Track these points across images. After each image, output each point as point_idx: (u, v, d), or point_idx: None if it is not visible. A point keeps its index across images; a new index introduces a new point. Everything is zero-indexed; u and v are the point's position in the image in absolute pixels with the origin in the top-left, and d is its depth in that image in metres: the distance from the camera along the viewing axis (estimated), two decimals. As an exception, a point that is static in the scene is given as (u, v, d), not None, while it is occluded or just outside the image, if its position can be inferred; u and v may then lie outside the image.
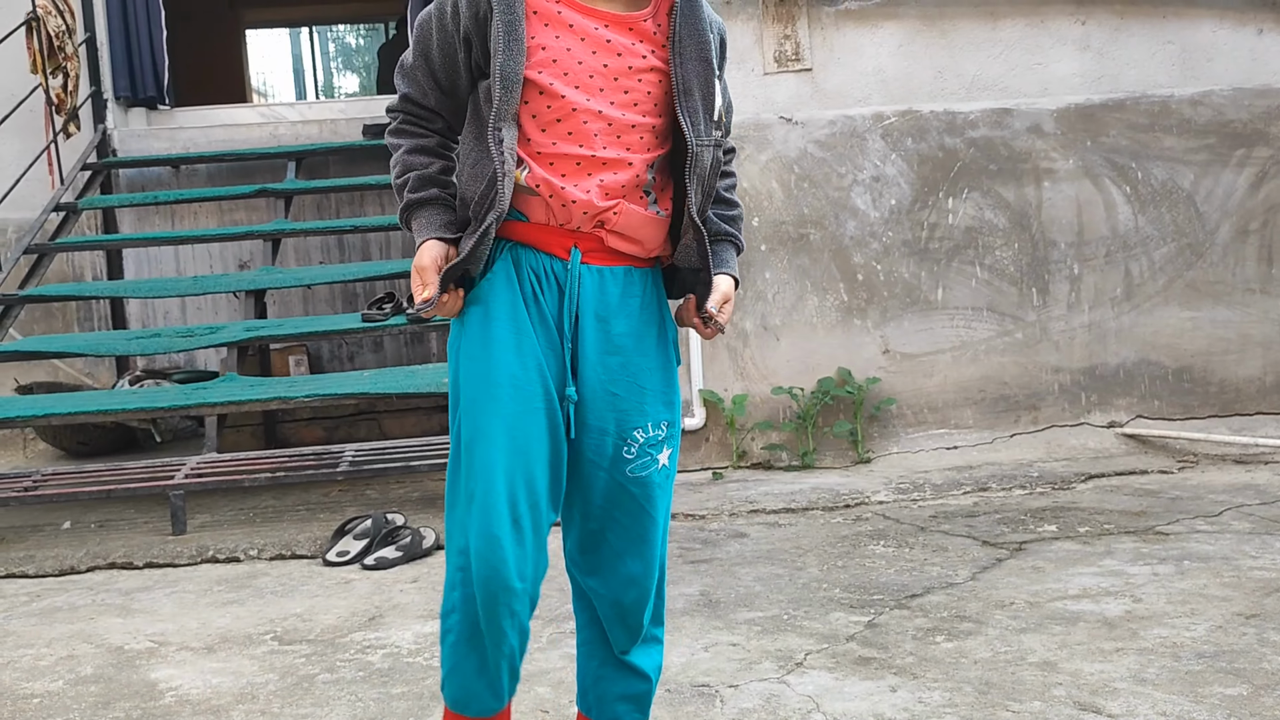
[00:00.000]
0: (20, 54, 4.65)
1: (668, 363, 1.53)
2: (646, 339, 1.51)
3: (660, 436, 1.51)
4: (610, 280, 1.48)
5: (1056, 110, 4.00)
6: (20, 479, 3.42)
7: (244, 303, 4.51)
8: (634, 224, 1.48)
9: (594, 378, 1.48)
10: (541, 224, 1.48)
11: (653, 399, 1.51)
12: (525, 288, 1.47)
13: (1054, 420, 4.05)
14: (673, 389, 1.54)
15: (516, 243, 1.49)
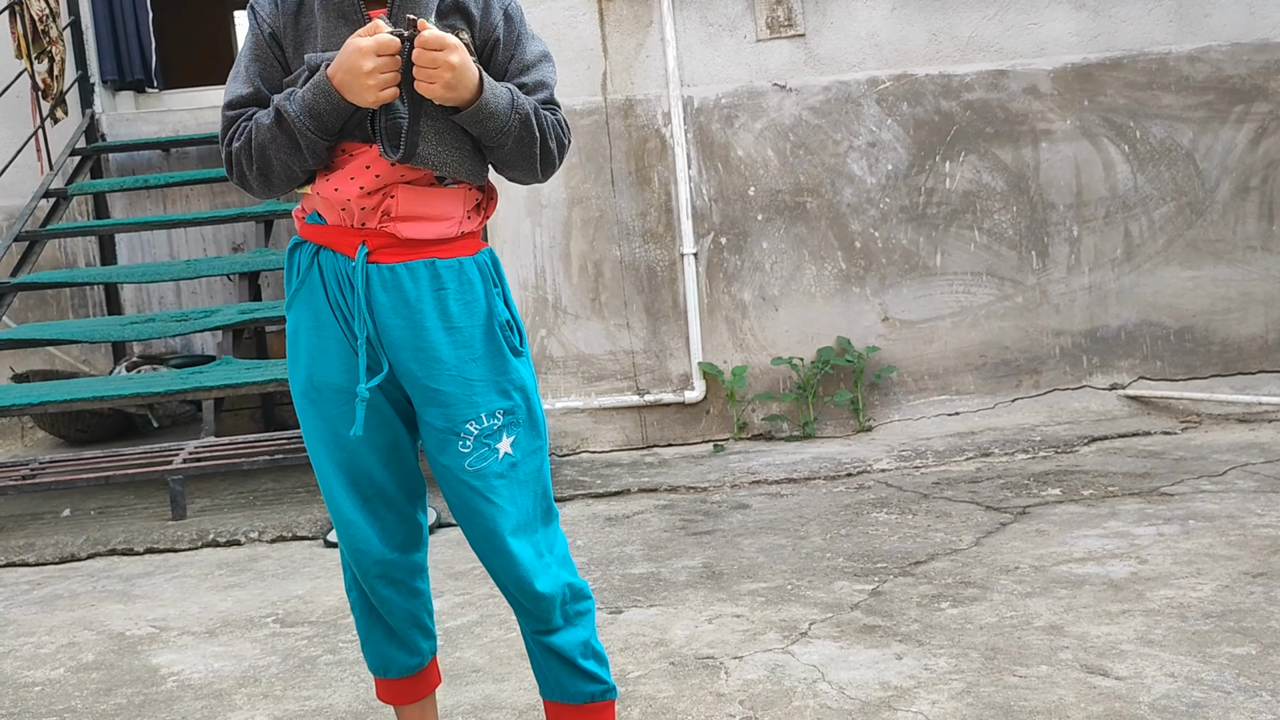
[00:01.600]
0: (4, 39, 4.60)
1: (498, 350, 1.50)
2: (467, 330, 1.49)
3: (496, 425, 1.49)
4: (407, 277, 1.46)
5: (1053, 70, 3.96)
6: (18, 467, 3.40)
7: (238, 285, 4.48)
8: (419, 202, 1.46)
9: (409, 376, 1.48)
10: (334, 225, 1.48)
11: (483, 389, 1.49)
12: (329, 293, 1.48)
13: (1056, 384, 4.03)
14: (508, 375, 1.51)
15: (320, 246, 1.49)
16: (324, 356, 1.49)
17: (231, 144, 1.45)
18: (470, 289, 1.50)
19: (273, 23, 1.48)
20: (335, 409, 1.49)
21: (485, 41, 1.50)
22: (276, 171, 1.44)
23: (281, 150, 1.41)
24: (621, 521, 3.06)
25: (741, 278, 3.98)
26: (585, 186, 3.96)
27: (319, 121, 1.39)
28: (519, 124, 1.43)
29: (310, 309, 1.50)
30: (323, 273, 1.48)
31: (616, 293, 3.99)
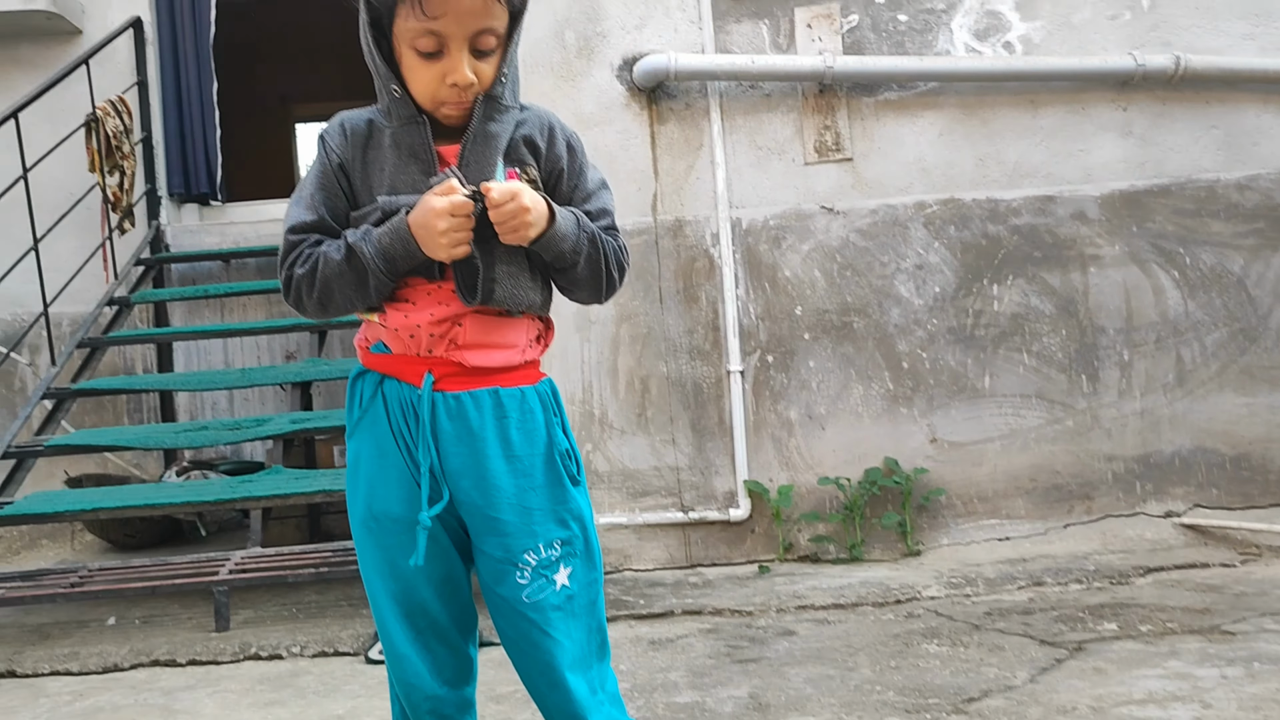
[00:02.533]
0: (79, 154, 4.79)
1: (557, 479, 1.52)
2: (528, 459, 1.50)
3: (554, 556, 1.50)
4: (471, 406, 1.49)
5: (1100, 196, 3.98)
6: (67, 574, 3.43)
7: (290, 393, 4.55)
8: (486, 331, 1.50)
9: (469, 504, 1.49)
10: (400, 354, 1.51)
11: (542, 519, 1.50)
12: (392, 422, 1.50)
13: (1109, 510, 3.96)
14: (567, 505, 1.52)
15: (383, 375, 1.52)
16: (384, 486, 1.51)
17: (293, 268, 1.50)
18: (531, 418, 1.52)
19: (342, 154, 1.53)
20: (394, 539, 1.51)
21: (551, 172, 1.57)
22: (336, 302, 1.48)
23: (347, 286, 1.46)
24: (665, 645, 3.01)
25: (788, 396, 3.98)
26: (634, 304, 4.01)
27: (391, 265, 1.44)
28: (587, 244, 1.50)
29: (373, 438, 1.52)
30: (386, 401, 1.51)
31: (663, 409, 4.00)
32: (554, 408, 1.56)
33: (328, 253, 1.47)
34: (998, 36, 3.98)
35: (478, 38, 1.45)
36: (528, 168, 1.52)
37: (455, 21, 1.42)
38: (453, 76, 1.45)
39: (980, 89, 3.97)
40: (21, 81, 5.07)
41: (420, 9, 1.41)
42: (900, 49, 3.97)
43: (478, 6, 1.42)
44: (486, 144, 1.50)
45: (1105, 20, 3.97)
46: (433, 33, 1.42)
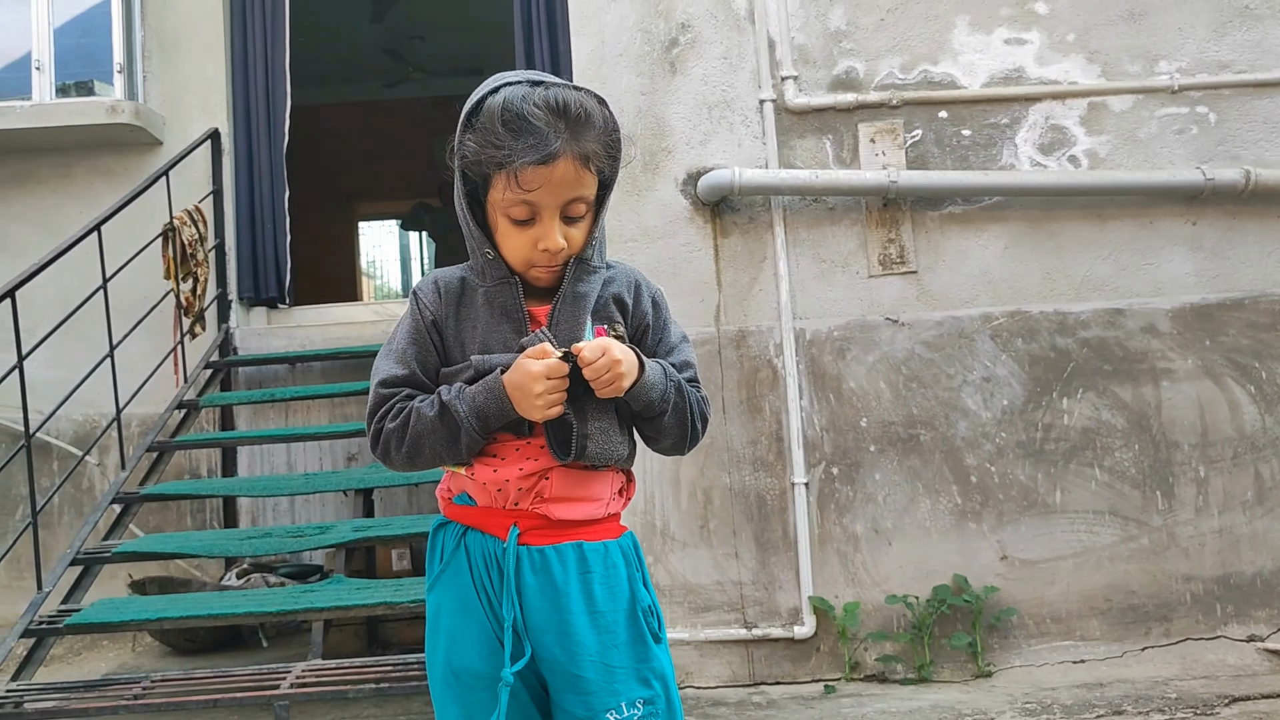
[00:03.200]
0: (156, 260, 4.93)
1: (640, 636, 1.51)
2: (611, 615, 1.50)
3: (636, 715, 1.48)
4: (556, 560, 1.49)
5: (1171, 310, 3.93)
6: (130, 685, 3.43)
7: (353, 500, 4.58)
8: (573, 485, 1.51)
9: (551, 660, 1.47)
10: (485, 507, 1.51)
11: (624, 677, 1.48)
12: (475, 575, 1.50)
13: (1188, 633, 3.82)
14: (649, 663, 1.51)
15: (467, 527, 1.52)
16: (466, 641, 1.50)
17: (384, 421, 1.51)
18: (615, 573, 1.52)
19: (435, 311, 1.56)
20: (474, 695, 1.49)
21: (637, 328, 1.61)
22: (425, 457, 1.50)
23: (438, 442, 1.47)
24: (732, 774, 2.93)
25: (854, 509, 3.92)
26: (696, 414, 3.99)
27: (485, 423, 1.46)
28: (674, 393, 1.53)
29: (455, 591, 1.52)
30: (469, 554, 1.51)
31: (725, 521, 3.95)
32: (636, 562, 1.55)
33: (420, 408, 1.49)
34: (1063, 151, 3.99)
35: (569, 206, 1.50)
36: (615, 324, 1.56)
37: (549, 193, 1.47)
38: (544, 243, 1.49)
39: (1046, 203, 3.96)
40: (103, 191, 5.27)
41: (515, 181, 1.46)
42: (964, 163, 3.99)
43: (570, 178, 1.47)
44: (576, 304, 1.53)
45: (1172, 135, 3.97)
46: (526, 203, 1.47)
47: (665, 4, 4.08)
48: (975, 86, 4.03)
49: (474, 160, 1.50)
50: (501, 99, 1.48)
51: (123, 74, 5.43)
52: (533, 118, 1.45)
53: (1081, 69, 4.02)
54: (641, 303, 1.61)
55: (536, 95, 1.47)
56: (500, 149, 1.46)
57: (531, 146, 1.44)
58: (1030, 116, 4.02)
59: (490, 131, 1.47)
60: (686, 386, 1.56)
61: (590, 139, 1.49)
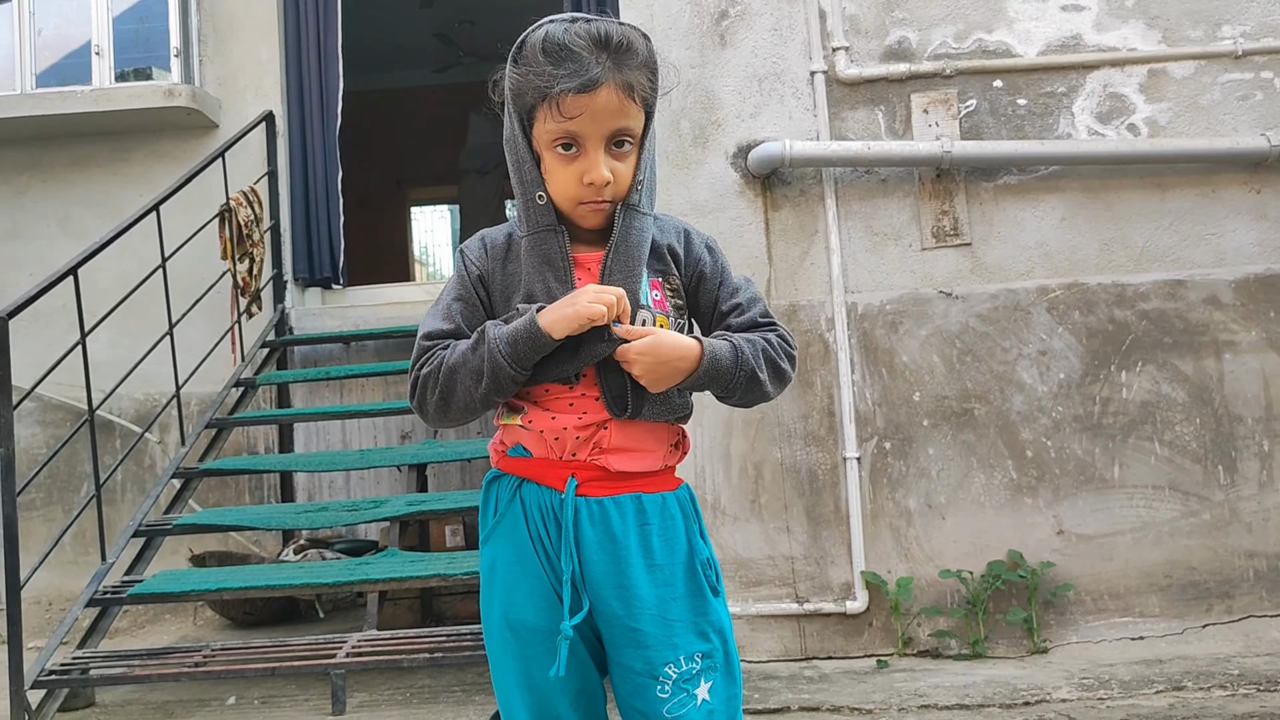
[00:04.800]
0: (213, 241, 5.01)
1: (698, 589, 1.49)
2: (668, 568, 1.48)
3: (695, 669, 1.46)
4: (614, 511, 1.47)
5: (1234, 281, 3.84)
6: (191, 653, 3.49)
7: (406, 475, 4.62)
8: (630, 436, 1.49)
9: (609, 614, 1.46)
10: (541, 458, 1.49)
11: (683, 630, 1.46)
12: (531, 527, 1.48)
13: (1250, 610, 3.74)
14: (708, 616, 1.49)
15: (522, 479, 1.50)
16: (522, 594, 1.49)
17: (420, 369, 1.50)
18: (673, 524, 1.50)
19: (481, 266, 1.56)
20: (531, 649, 1.48)
21: (691, 276, 1.58)
22: (458, 397, 1.46)
23: (469, 377, 1.45)
24: (784, 745, 2.92)
25: (906, 484, 3.89)
26: (747, 389, 3.98)
27: (515, 349, 1.43)
28: (745, 379, 1.49)
29: (510, 544, 1.51)
30: (525, 507, 1.50)
31: (776, 495, 3.94)
32: (693, 514, 1.54)
33: (456, 344, 1.48)
34: (1121, 119, 3.90)
35: (614, 137, 1.48)
36: (670, 277, 1.55)
37: (591, 121, 1.45)
38: (589, 175, 1.47)
39: (1104, 172, 3.88)
40: (161, 173, 5.36)
41: (558, 109, 1.44)
42: (1020, 133, 3.92)
43: (614, 106, 1.45)
44: (629, 253, 1.51)
45: (1235, 101, 3.87)
46: (570, 132, 1.46)
47: (714, -24, 4.05)
48: (1031, 55, 3.96)
49: (516, 91, 1.49)
50: (544, 32, 1.48)
51: (179, 58, 5.51)
52: (574, 46, 1.44)
53: (1141, 35, 3.93)
54: (694, 250, 1.59)
55: (578, 27, 1.47)
56: (541, 77, 1.45)
57: (572, 73, 1.43)
58: (1088, 85, 3.94)
59: (532, 62, 1.47)
60: (765, 349, 1.52)
61: (633, 69, 1.47)
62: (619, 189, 1.50)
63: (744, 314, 1.57)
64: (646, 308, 1.51)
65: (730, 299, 1.57)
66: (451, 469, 5.21)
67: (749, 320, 1.57)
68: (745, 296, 1.58)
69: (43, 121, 5.42)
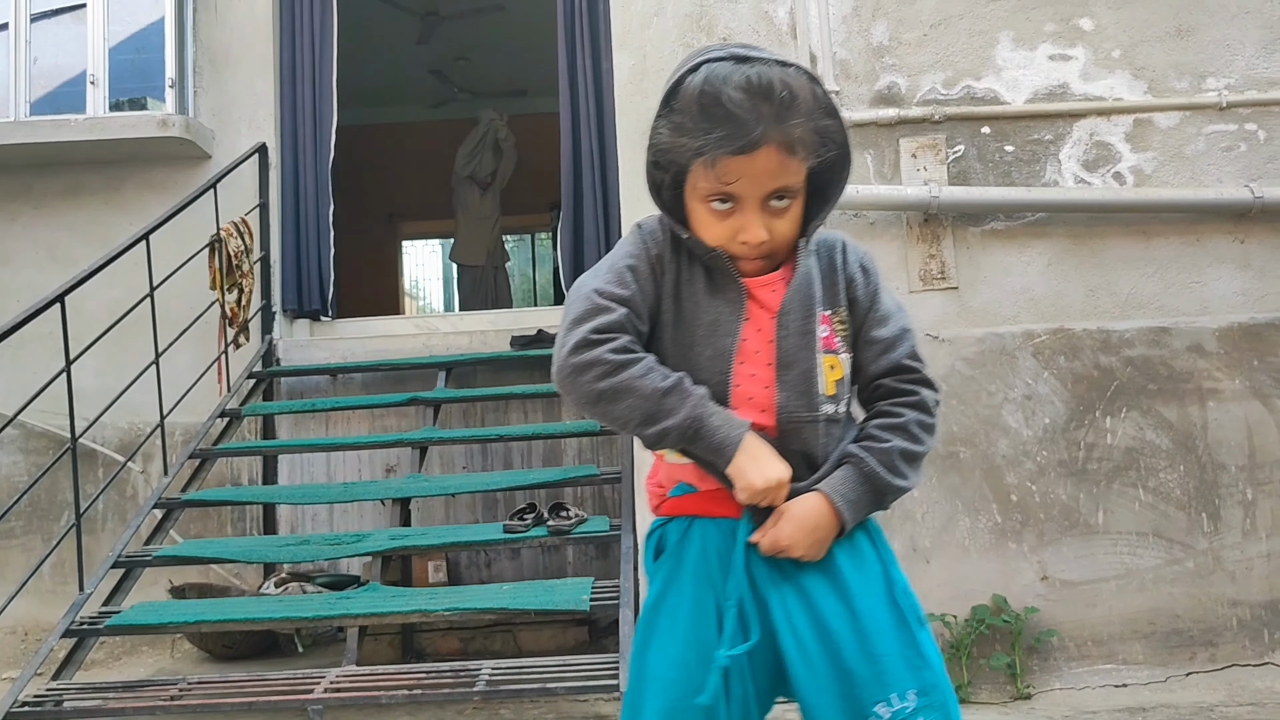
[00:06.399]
0: (202, 271, 5.01)
1: (901, 620, 1.40)
2: (865, 599, 1.39)
3: (909, 708, 1.35)
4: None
5: (1218, 329, 3.87)
6: (167, 686, 3.45)
7: (390, 509, 4.59)
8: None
9: (809, 653, 1.36)
10: (709, 491, 1.43)
11: (891, 665, 1.36)
12: (701, 569, 1.40)
13: (1234, 659, 3.73)
14: (917, 648, 1.38)
15: (687, 516, 1.44)
16: (678, 646, 1.40)
17: (602, 347, 1.38)
18: (862, 556, 1.45)
19: (661, 250, 1.47)
20: (680, 703, 1.38)
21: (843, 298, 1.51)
22: (616, 410, 1.38)
23: (639, 411, 1.37)
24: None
25: (891, 526, 3.88)
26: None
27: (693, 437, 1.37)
28: (892, 497, 1.49)
29: (677, 588, 1.42)
30: (692, 546, 1.43)
31: (761, 536, 3.92)
32: (883, 544, 1.48)
33: (652, 367, 1.38)
34: (1107, 167, 3.95)
35: (771, 195, 1.41)
36: (837, 309, 1.48)
37: (750, 183, 1.38)
38: (744, 235, 1.41)
39: (1090, 219, 3.92)
40: (153, 203, 5.37)
41: (713, 171, 1.37)
42: (1007, 179, 3.96)
43: (773, 168, 1.37)
44: (808, 292, 1.46)
45: (1220, 152, 3.92)
46: (725, 192, 1.39)
47: (707, 19, 4.10)
48: (1019, 102, 4.01)
49: (669, 147, 1.40)
50: (701, 79, 1.37)
51: (174, 89, 5.54)
52: (732, 104, 1.34)
53: (1127, 85, 3.99)
54: (849, 269, 1.52)
55: (738, 76, 1.35)
56: (696, 137, 1.36)
57: (730, 135, 1.34)
58: (1074, 133, 3.99)
59: (687, 117, 1.37)
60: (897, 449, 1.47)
61: (796, 122, 1.36)
62: (776, 245, 1.44)
63: (887, 355, 1.50)
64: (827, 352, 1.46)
65: (877, 329, 1.51)
66: (436, 503, 5.18)
67: (891, 364, 1.51)
68: (893, 331, 1.52)
69: (35, 149, 5.43)
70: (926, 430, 1.50)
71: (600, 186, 5.52)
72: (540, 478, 4.31)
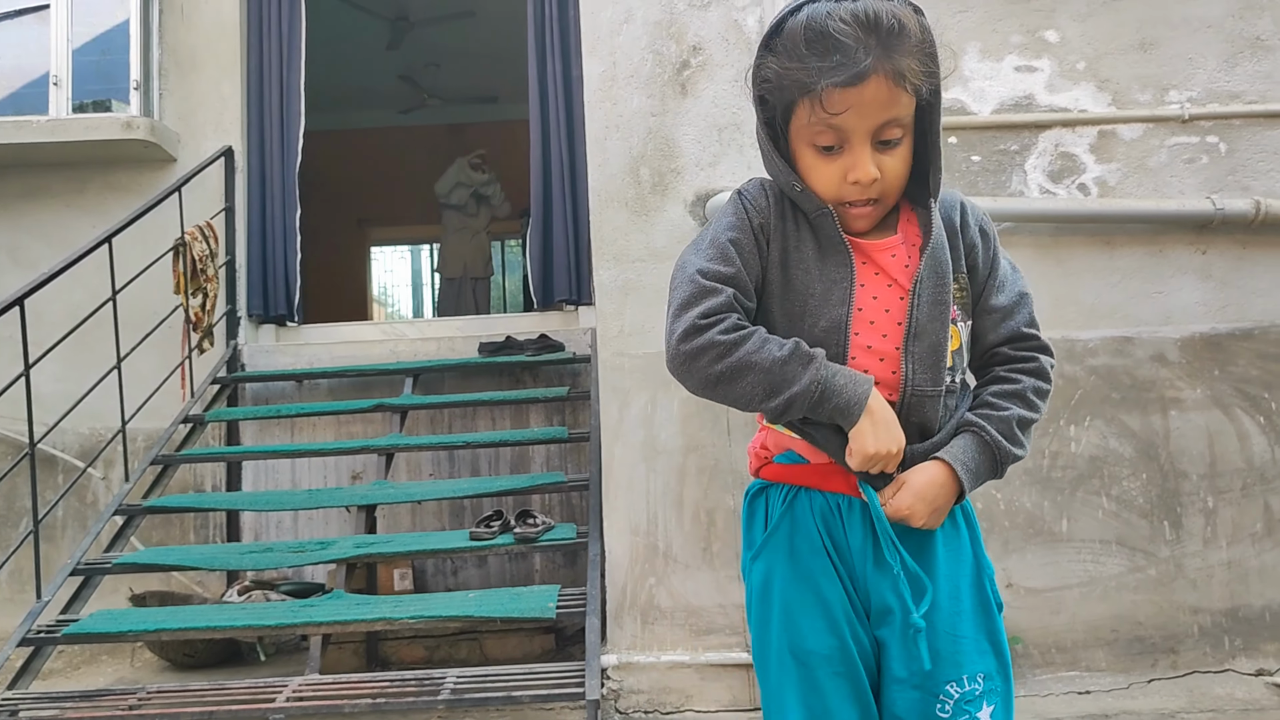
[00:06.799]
0: (166, 275, 4.95)
1: (984, 605, 1.40)
2: (955, 580, 1.39)
3: (977, 691, 1.36)
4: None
5: (1180, 339, 3.91)
6: (126, 696, 3.40)
7: (355, 516, 4.56)
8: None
9: (900, 625, 1.36)
10: (822, 464, 1.40)
11: (968, 647, 1.36)
12: (810, 541, 1.39)
13: (1195, 665, 3.77)
14: (992, 634, 1.39)
15: (797, 488, 1.42)
16: (803, 617, 1.38)
17: (713, 330, 1.36)
18: (957, 535, 1.43)
19: (765, 216, 1.43)
20: (816, 675, 1.36)
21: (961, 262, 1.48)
22: (738, 391, 1.36)
23: (761, 383, 1.35)
24: (729, 797, 2.88)
25: (857, 535, 3.88)
26: (701, 434, 3.98)
27: (822, 401, 1.34)
28: (1012, 463, 1.45)
29: (787, 560, 1.40)
30: (806, 515, 1.41)
31: (729, 543, 3.92)
32: (975, 526, 1.47)
33: (768, 338, 1.36)
34: (1072, 178, 3.99)
35: (881, 130, 1.37)
36: (959, 275, 1.45)
37: (857, 115, 1.34)
38: (855, 173, 1.37)
39: (1055, 229, 3.95)
40: (116, 206, 5.31)
41: (820, 105, 1.33)
42: (973, 189, 3.99)
43: (882, 98, 1.34)
44: (938, 258, 1.42)
45: (1182, 164, 3.96)
46: (833, 128, 1.35)
47: (677, 26, 4.10)
48: (985, 113, 4.04)
49: (775, 85, 1.36)
50: (805, 15, 1.34)
51: (139, 91, 5.48)
52: (839, 34, 1.30)
53: (1092, 97, 4.03)
54: (969, 233, 1.49)
55: (843, 9, 1.32)
56: (803, 70, 1.32)
57: (839, 65, 1.30)
58: (1040, 143, 4.02)
59: (792, 51, 1.34)
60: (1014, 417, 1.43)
61: (904, 53, 1.33)
62: (887, 186, 1.40)
63: (1006, 322, 1.47)
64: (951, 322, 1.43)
65: (995, 296, 1.48)
66: (402, 510, 5.15)
67: (1010, 332, 1.48)
68: (1011, 296, 1.48)
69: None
70: (1042, 397, 1.47)
71: (570, 193, 5.51)
72: (507, 485, 4.29)
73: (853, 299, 1.40)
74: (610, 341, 3.93)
